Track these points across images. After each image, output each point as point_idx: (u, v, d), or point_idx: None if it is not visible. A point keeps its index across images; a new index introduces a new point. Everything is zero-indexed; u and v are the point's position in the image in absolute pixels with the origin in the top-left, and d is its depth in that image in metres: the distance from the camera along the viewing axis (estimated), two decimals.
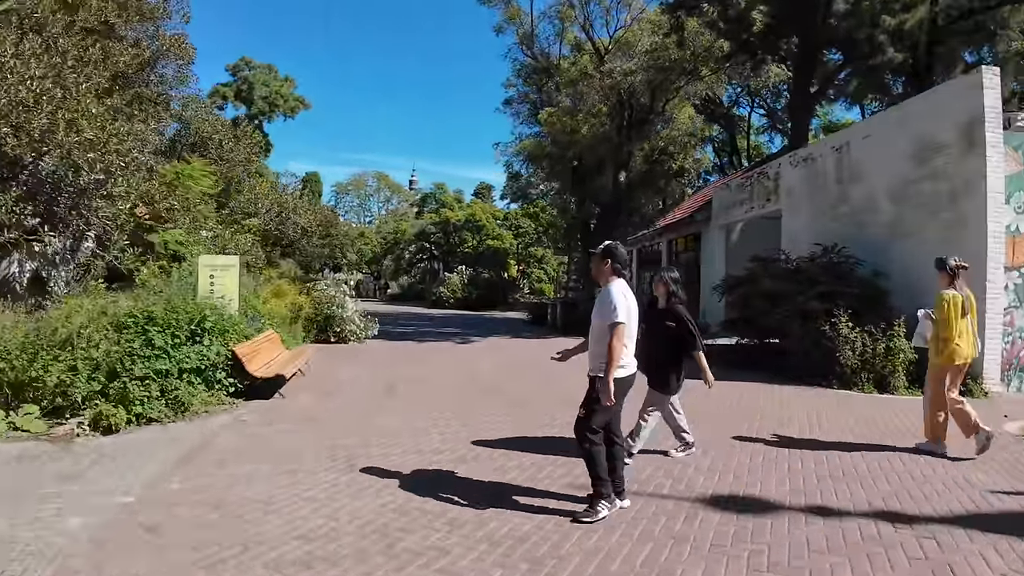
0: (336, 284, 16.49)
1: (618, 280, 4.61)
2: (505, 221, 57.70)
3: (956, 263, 6.36)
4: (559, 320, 21.85)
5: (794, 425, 7.58)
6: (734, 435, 7.07)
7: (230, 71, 57.81)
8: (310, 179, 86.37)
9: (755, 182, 18.90)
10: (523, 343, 17.79)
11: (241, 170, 24.93)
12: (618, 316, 4.37)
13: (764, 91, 41.88)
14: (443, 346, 16.41)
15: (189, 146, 22.73)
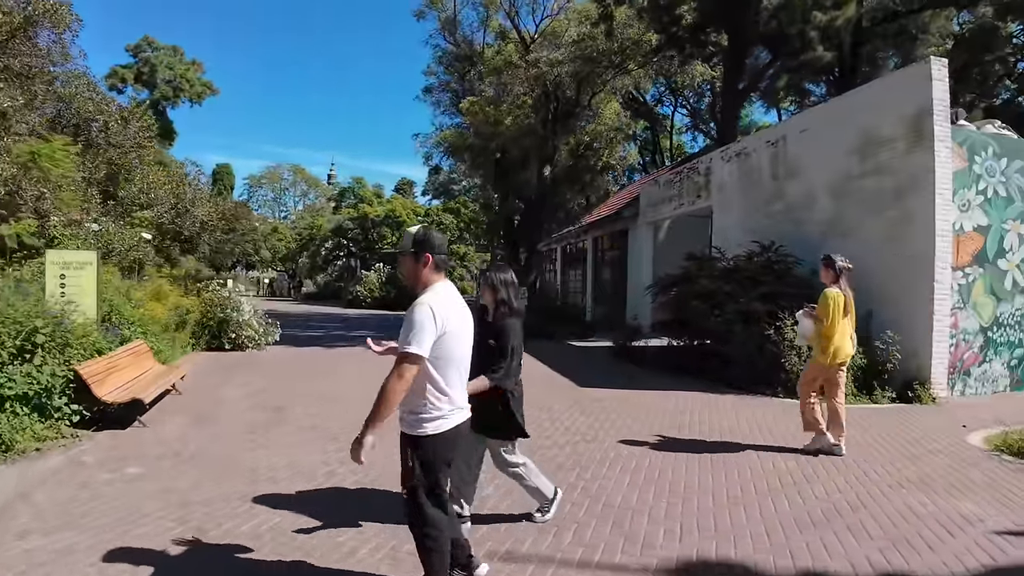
0: (232, 283, 14.70)
1: (438, 285, 3.12)
2: (426, 217, 56.02)
3: (843, 263, 6.44)
4: None
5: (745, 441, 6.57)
6: (670, 451, 5.97)
7: (131, 52, 53.82)
8: (221, 171, 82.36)
9: (685, 178, 18.20)
10: None
11: (134, 157, 22.51)
12: (411, 343, 2.88)
13: (688, 91, 42.05)
14: (355, 353, 14.83)
15: (72, 128, 20.22)
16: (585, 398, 9.11)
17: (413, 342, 2.88)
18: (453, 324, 3.04)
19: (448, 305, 3.05)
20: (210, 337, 14.35)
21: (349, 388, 9.68)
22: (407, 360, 2.89)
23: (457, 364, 3.14)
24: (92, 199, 18.53)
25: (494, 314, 4.23)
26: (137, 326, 10.01)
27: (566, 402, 8.83)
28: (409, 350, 2.87)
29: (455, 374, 3.14)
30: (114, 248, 17.49)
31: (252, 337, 14.47)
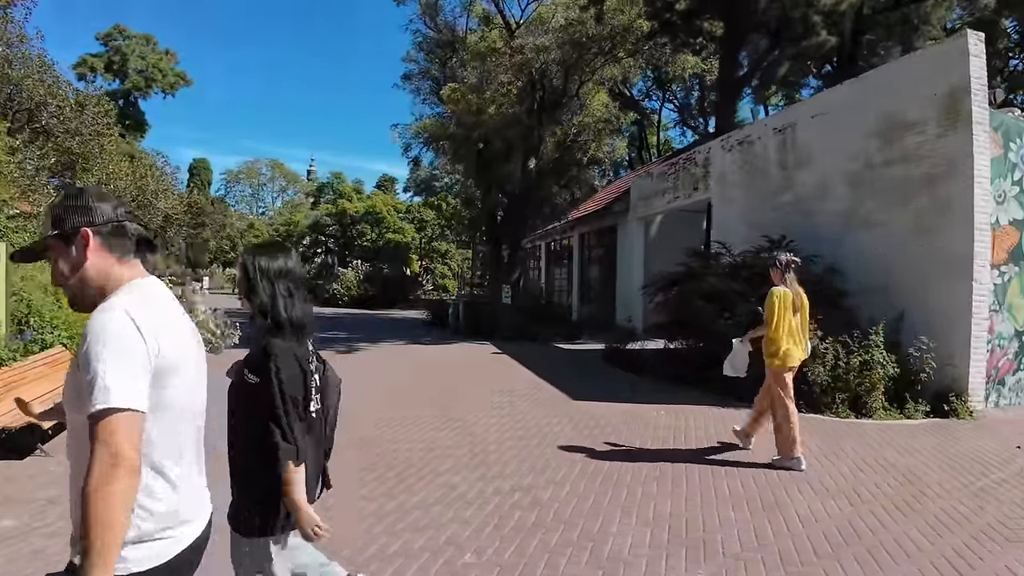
0: (198, 282, 13.33)
1: (134, 283, 1.72)
2: (408, 214, 54.62)
3: (787, 258, 6.08)
4: (462, 322, 19.29)
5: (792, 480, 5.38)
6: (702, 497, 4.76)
7: (101, 40, 51.94)
8: (198, 165, 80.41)
9: (681, 169, 17.06)
10: (420, 351, 15.15)
11: (93, 145, 20.95)
12: (112, 390, 1.42)
13: (676, 86, 41.07)
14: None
15: (25, 113, 18.64)
16: (580, 415, 7.89)
17: (115, 388, 1.43)
18: (172, 349, 1.64)
19: (159, 315, 1.66)
20: None
21: None
22: (114, 425, 1.41)
23: (189, 424, 1.78)
24: (41, 188, 17.02)
25: (260, 357, 2.52)
26: (63, 330, 8.62)
27: (559, 420, 7.60)
28: (112, 404, 1.41)
29: (186, 443, 1.76)
30: None
31: (208, 340, 13.08)
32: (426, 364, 12.59)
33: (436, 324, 22.67)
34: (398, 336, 18.86)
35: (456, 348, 15.64)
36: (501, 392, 9.38)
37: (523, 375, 11.16)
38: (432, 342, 17.05)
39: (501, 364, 12.66)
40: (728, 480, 5.35)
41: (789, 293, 5.89)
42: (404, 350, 15.23)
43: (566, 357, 14.23)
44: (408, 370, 11.69)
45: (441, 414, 7.97)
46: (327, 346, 15.62)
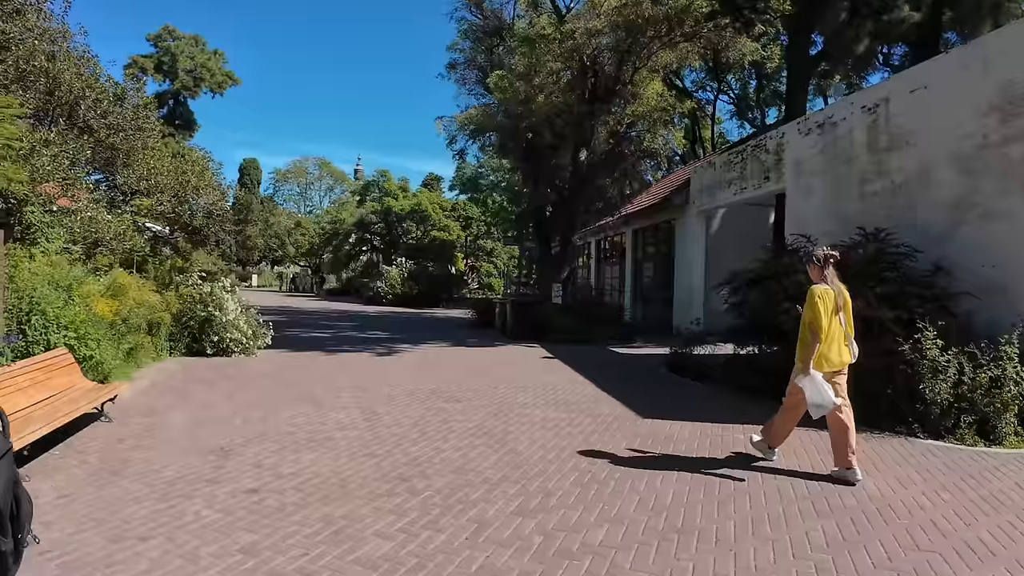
0: (214, 279, 12.51)
1: None
2: (453, 212, 53.79)
3: (826, 252, 5.59)
4: (510, 323, 18.11)
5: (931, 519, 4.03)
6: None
7: (151, 41, 52.47)
8: (248, 165, 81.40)
9: (748, 158, 15.59)
10: (464, 354, 14.01)
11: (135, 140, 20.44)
12: None
13: (732, 76, 39.30)
14: (359, 361, 12.53)
15: (66, 108, 18.15)
16: (652, 437, 6.63)
17: None
18: None
19: None
20: (191, 339, 12.18)
21: (337, 420, 7.28)
22: None
23: None
24: (77, 181, 16.48)
25: None
26: (71, 330, 7.77)
27: (626, 444, 6.35)
28: None
29: None
30: (102, 238, 15.47)
31: (239, 340, 12.24)
32: (470, 369, 11.44)
33: (482, 324, 21.57)
34: (442, 337, 17.82)
35: (503, 352, 14.49)
36: (556, 406, 8.18)
37: (580, 385, 9.93)
38: (478, 344, 15.94)
39: (554, 371, 11.45)
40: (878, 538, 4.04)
41: (831, 291, 5.33)
42: (447, 353, 14.14)
43: (624, 363, 12.95)
44: (450, 376, 10.57)
45: (480, 428, 6.83)
46: (367, 347, 14.66)
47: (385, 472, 5.24)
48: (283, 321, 22.54)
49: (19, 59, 15.48)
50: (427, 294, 35.22)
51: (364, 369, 11.29)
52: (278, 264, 78.90)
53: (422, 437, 6.42)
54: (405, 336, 17.77)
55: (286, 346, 14.07)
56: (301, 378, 10.08)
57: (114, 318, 9.44)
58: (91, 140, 19.11)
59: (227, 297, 12.08)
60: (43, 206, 14.86)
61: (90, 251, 15.55)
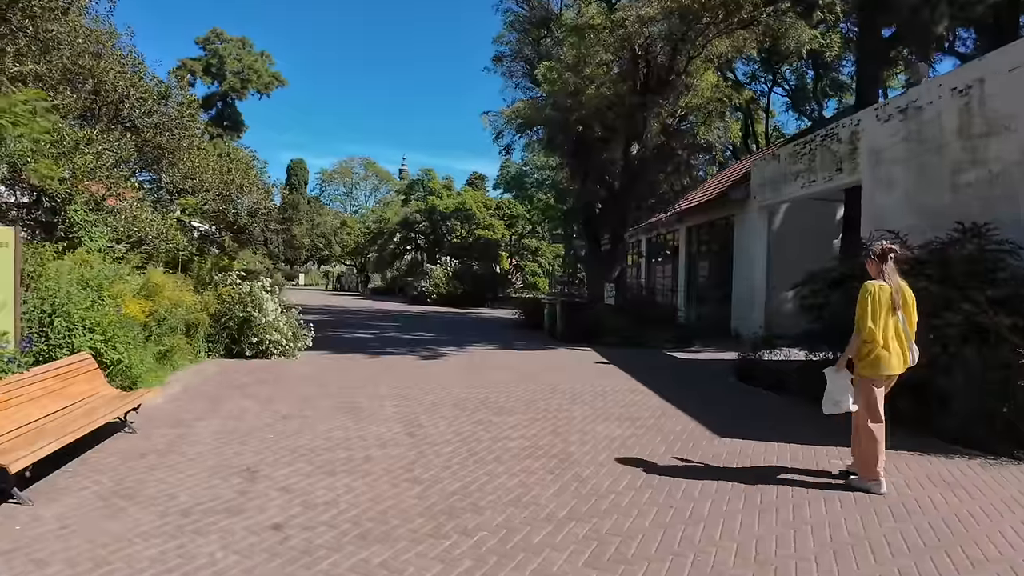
0: (253, 278, 12.02)
1: None
2: (498, 211, 53.19)
3: (884, 247, 5.13)
4: (559, 325, 17.27)
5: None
6: None
7: (200, 44, 53.12)
8: (296, 165, 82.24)
9: (818, 148, 14.49)
10: (513, 358, 13.23)
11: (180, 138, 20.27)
12: None
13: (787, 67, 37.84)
14: (402, 364, 11.88)
15: (111, 107, 18.01)
16: (736, 459, 5.77)
17: None
18: None
19: None
20: (230, 341, 11.71)
21: (377, 435, 6.59)
22: None
23: None
24: (121, 180, 16.29)
25: None
26: (98, 333, 7.26)
27: (706, 468, 5.52)
28: None
29: None
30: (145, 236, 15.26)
31: (278, 342, 11.72)
32: (520, 375, 10.66)
33: (529, 326, 20.79)
34: (488, 339, 17.10)
35: (554, 356, 13.69)
36: (619, 420, 7.36)
37: (641, 394, 9.08)
38: (526, 347, 15.16)
39: (610, 377, 10.61)
40: None
41: (887, 287, 4.96)
42: (494, 357, 13.40)
43: (685, 370, 12.03)
44: (499, 383, 9.82)
45: (537, 447, 6.05)
46: (411, 349, 14.04)
47: (431, 504, 4.51)
48: (327, 321, 22.16)
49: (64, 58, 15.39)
50: (472, 294, 34.59)
51: (407, 374, 10.62)
52: (324, 263, 79.48)
53: (472, 458, 5.68)
54: (450, 338, 17.11)
55: (328, 347, 13.52)
56: (341, 383, 9.46)
57: (147, 319, 8.95)
58: (136, 139, 19.00)
59: (266, 297, 11.56)
60: (86, 204, 14.67)
61: (134, 250, 15.31)
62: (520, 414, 7.59)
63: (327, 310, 28.62)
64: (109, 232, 14.61)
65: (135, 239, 15.49)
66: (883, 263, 5.08)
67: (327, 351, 13.05)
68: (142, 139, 19.44)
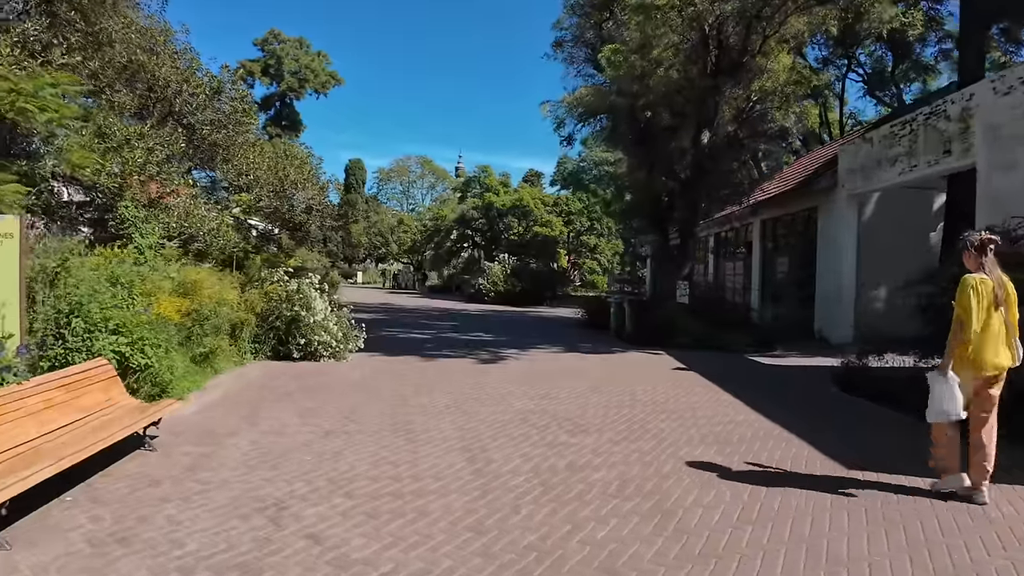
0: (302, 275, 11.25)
1: None
2: (555, 207, 52.04)
3: (983, 237, 4.70)
4: (628, 326, 16.04)
5: None
6: None
7: (258, 46, 53.70)
8: (353, 165, 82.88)
9: (921, 127, 12.90)
10: (581, 363, 12.08)
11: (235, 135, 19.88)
12: None
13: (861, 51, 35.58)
14: (460, 369, 10.88)
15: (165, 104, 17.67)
16: (876, 502, 4.56)
17: None
18: None
19: None
20: (277, 341, 10.96)
21: (433, 464, 5.57)
22: None
23: None
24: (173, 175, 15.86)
25: None
26: (123, 335, 6.49)
27: (853, 519, 4.32)
28: None
29: None
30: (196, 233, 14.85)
31: (328, 344, 10.90)
32: (592, 384, 9.51)
33: (593, 326, 19.61)
34: (551, 340, 15.99)
35: (625, 360, 12.52)
36: (716, 442, 6.19)
37: (733, 409, 7.87)
38: (592, 350, 14.02)
39: (693, 388, 9.38)
40: None
41: (988, 281, 4.59)
42: (560, 361, 12.32)
43: (775, 379, 10.71)
44: (569, 393, 8.73)
45: (626, 482, 4.94)
46: (469, 351, 13.07)
47: (499, 565, 3.47)
48: (382, 319, 21.48)
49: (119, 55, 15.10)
50: (530, 292, 33.51)
51: (466, 380, 9.61)
52: (382, 261, 79.75)
53: (547, 495, 4.61)
54: (510, 338, 16.09)
55: (381, 349, 12.67)
56: (393, 392, 8.52)
57: (183, 319, 8.21)
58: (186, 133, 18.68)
59: (315, 296, 10.75)
60: (135, 200, 14.24)
61: (186, 247, 14.91)
62: (598, 433, 6.49)
63: (383, 308, 28.04)
64: (161, 229, 14.17)
65: (187, 236, 15.02)
66: (982, 255, 4.71)
67: (380, 353, 12.19)
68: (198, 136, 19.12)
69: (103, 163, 10.33)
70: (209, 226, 15.29)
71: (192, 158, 20.15)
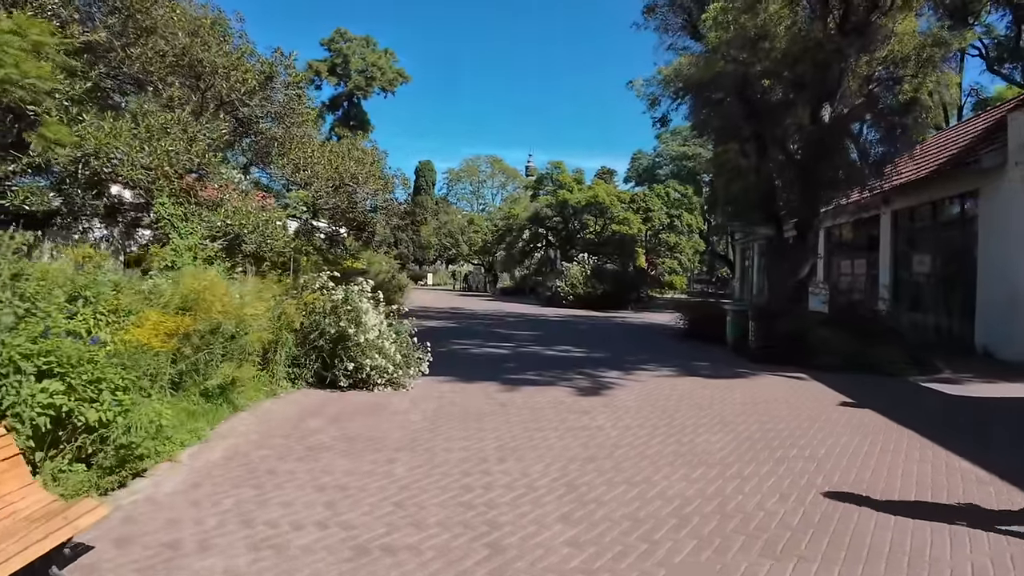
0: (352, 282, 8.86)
1: None
2: (632, 204, 48.88)
3: None
4: (754, 340, 13.05)
5: None
6: None
7: (325, 46, 52.64)
8: (423, 167, 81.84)
9: None
10: (710, 394, 9.15)
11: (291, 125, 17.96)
12: None
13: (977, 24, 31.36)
14: (555, 406, 8.16)
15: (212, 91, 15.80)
16: None
17: None
18: None
19: None
20: (320, 365, 8.66)
21: None
22: None
23: None
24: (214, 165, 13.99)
25: None
26: (62, 377, 4.24)
27: None
28: None
29: None
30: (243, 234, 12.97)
31: (383, 369, 8.51)
32: (743, 440, 6.57)
33: (697, 336, 16.68)
34: (654, 356, 13.19)
35: (766, 388, 9.65)
36: None
37: (988, 488, 5.04)
38: (714, 372, 11.18)
39: (893, 441, 6.48)
40: None
41: None
42: (680, 389, 9.54)
43: (985, 417, 7.72)
44: (721, 459, 5.92)
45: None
46: (561, 375, 10.47)
47: None
48: (452, 328, 19.16)
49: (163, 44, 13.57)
50: (611, 294, 30.59)
51: (568, 429, 6.92)
52: (452, 263, 78.13)
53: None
54: (605, 354, 13.40)
55: (450, 369, 10.22)
56: (467, 453, 5.92)
57: (174, 344, 5.93)
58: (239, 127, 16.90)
59: (367, 307, 8.37)
60: (174, 196, 12.49)
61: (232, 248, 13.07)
62: (814, 561, 3.79)
63: (452, 314, 25.72)
64: (203, 228, 12.30)
65: (232, 236, 13.12)
66: None
67: (449, 376, 9.74)
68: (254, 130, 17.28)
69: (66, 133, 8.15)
70: (254, 222, 13.35)
71: (245, 152, 18.38)
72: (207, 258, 10.83)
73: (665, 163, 67.42)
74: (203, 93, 15.33)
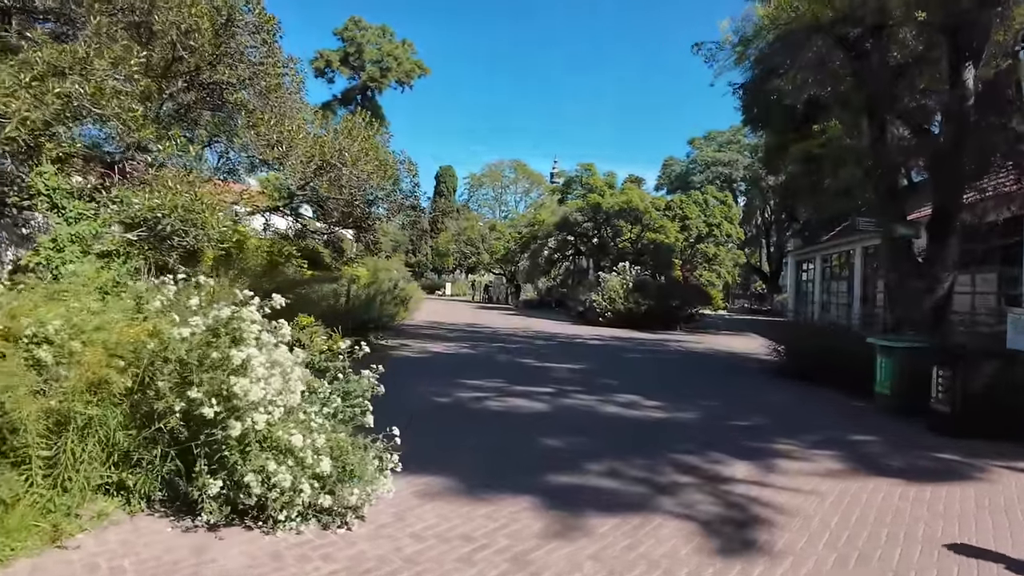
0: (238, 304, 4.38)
1: None
2: (668, 210, 44.43)
3: None
4: (957, 400, 8.01)
5: None
6: None
7: (338, 35, 48.89)
8: (444, 172, 78.15)
9: None
10: (943, 521, 4.74)
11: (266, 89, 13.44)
12: None
13: None
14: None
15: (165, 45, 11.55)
16: None
17: None
18: None
19: None
20: (176, 468, 4.22)
21: None
22: None
23: None
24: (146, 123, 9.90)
25: None
26: None
27: None
28: None
29: None
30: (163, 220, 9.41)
31: (294, 488, 4.03)
32: None
33: (807, 377, 11.92)
34: (771, 418, 8.57)
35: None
36: None
37: None
38: (909, 466, 6.48)
39: None
40: None
41: None
42: (877, 504, 5.02)
43: None
44: None
45: None
46: (650, 469, 5.85)
47: None
48: (463, 357, 14.67)
49: None
50: (658, 312, 25.89)
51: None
52: (472, 272, 73.85)
53: None
54: (697, 414, 8.76)
55: (447, 454, 5.79)
56: None
57: None
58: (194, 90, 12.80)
59: (254, 353, 3.90)
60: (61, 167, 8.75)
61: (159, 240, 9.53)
62: None
63: (468, 333, 20.93)
64: (113, 212, 9.01)
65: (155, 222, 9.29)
66: None
67: (441, 476, 5.28)
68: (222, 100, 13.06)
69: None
70: (172, 203, 9.36)
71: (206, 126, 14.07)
72: (103, 252, 8.38)
73: (699, 169, 63.51)
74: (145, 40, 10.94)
